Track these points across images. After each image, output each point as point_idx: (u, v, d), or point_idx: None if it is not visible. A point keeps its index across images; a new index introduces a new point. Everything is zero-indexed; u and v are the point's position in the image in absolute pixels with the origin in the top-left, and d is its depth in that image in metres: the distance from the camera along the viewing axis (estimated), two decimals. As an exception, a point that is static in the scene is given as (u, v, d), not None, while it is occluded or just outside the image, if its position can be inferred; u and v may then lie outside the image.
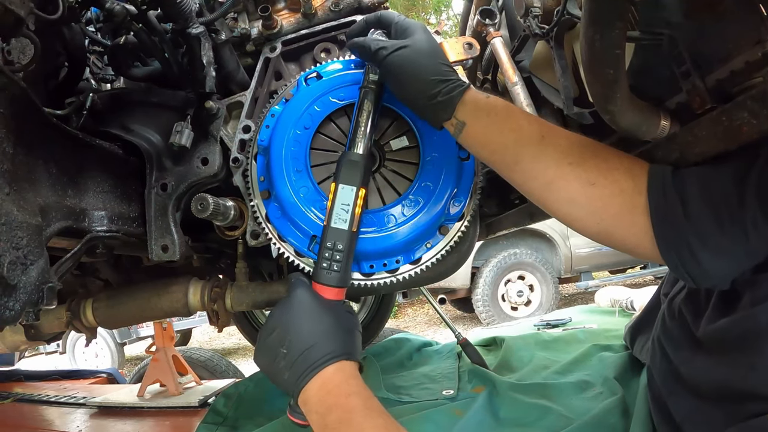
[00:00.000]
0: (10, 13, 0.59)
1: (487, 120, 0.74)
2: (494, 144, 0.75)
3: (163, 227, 0.96)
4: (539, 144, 0.72)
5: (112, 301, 1.13)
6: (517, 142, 0.73)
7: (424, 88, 0.75)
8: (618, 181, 0.68)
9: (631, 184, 0.68)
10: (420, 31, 0.79)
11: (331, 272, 0.76)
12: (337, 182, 0.76)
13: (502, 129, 0.74)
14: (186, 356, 2.48)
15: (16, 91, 0.68)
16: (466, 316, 7.36)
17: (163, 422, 1.79)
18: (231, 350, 7.39)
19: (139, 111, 1.01)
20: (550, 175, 0.71)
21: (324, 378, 0.69)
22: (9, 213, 0.64)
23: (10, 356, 3.04)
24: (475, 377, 1.28)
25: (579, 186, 0.69)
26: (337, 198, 0.76)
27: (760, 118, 0.53)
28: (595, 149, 0.72)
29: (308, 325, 0.72)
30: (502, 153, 0.75)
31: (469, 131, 0.75)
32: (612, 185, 0.68)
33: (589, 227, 0.72)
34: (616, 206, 0.68)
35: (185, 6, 0.87)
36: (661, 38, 0.69)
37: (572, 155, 0.71)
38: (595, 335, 1.54)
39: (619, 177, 0.68)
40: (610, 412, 0.97)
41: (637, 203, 0.67)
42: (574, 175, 0.70)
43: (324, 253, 0.76)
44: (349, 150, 0.79)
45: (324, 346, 0.70)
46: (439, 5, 11.76)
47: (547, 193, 0.73)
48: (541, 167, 0.72)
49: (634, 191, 0.67)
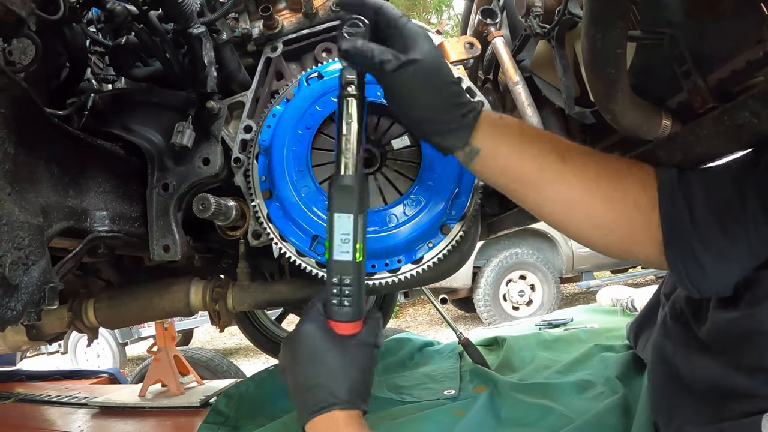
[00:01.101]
0: (12, 13, 0.59)
1: (504, 147, 0.69)
2: (513, 171, 0.70)
3: (165, 227, 0.96)
4: (559, 166, 0.68)
5: (114, 301, 1.13)
6: (538, 169, 0.68)
7: (434, 113, 0.67)
8: (634, 196, 0.67)
9: (645, 198, 0.67)
10: (427, 42, 0.66)
11: (342, 308, 0.69)
12: (332, 211, 0.68)
13: (522, 156, 0.69)
14: (187, 356, 2.48)
15: (18, 92, 0.68)
16: (467, 315, 7.36)
17: (164, 422, 1.79)
18: (232, 350, 7.39)
19: (140, 111, 1.01)
20: (570, 198, 0.69)
21: (327, 420, 0.66)
22: (10, 213, 0.64)
23: (11, 356, 3.05)
24: (476, 377, 1.28)
25: (600, 205, 0.68)
26: (335, 228, 0.67)
27: (761, 118, 0.53)
28: (607, 162, 0.70)
29: (312, 366, 0.67)
30: (521, 180, 0.70)
31: (483, 159, 0.69)
32: (629, 202, 0.67)
33: (611, 245, 0.72)
34: (635, 223, 0.67)
35: (186, 6, 0.87)
36: (662, 38, 0.69)
37: (589, 172, 0.68)
38: (597, 335, 1.54)
39: (634, 191, 0.67)
40: (612, 411, 0.97)
41: (652, 218, 0.66)
42: (593, 194, 0.68)
43: (332, 289, 0.69)
44: (339, 173, 0.68)
45: (326, 389, 0.66)
46: (440, 5, 11.76)
47: (568, 216, 0.70)
48: (561, 189, 0.69)
49: (648, 206, 0.67)
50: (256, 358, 6.27)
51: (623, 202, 0.67)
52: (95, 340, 1.25)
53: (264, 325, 2.18)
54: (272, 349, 2.19)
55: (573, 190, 0.68)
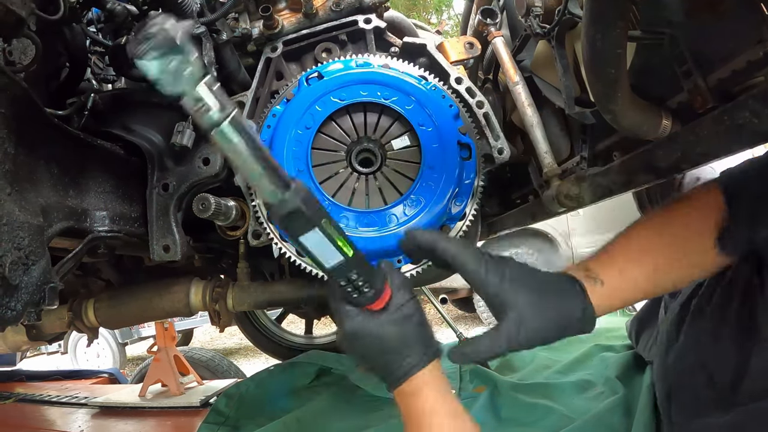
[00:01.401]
0: (12, 13, 0.60)
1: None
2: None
3: (165, 227, 0.96)
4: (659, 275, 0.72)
5: (114, 301, 1.13)
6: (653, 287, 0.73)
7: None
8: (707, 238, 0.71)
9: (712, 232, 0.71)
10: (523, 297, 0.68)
11: (364, 295, 0.68)
12: (296, 239, 0.62)
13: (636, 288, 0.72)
14: (187, 356, 2.48)
15: (18, 92, 0.68)
16: (467, 315, 7.36)
17: (164, 422, 1.79)
18: (232, 350, 7.39)
19: (140, 111, 1.01)
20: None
21: (411, 384, 0.69)
22: (11, 213, 0.64)
23: (11, 356, 3.05)
24: (476, 377, 1.28)
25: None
26: (311, 249, 0.63)
27: (761, 118, 0.53)
28: (675, 228, 0.73)
29: (378, 349, 0.69)
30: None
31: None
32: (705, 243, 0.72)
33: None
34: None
35: (186, 6, 0.87)
36: (662, 38, 0.69)
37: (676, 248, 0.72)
38: (597, 335, 1.54)
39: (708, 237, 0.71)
40: (612, 411, 0.97)
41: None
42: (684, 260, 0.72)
43: (346, 289, 0.68)
44: (273, 202, 0.59)
45: (399, 359, 0.68)
46: (440, 5, 11.76)
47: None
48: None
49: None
50: (256, 358, 6.26)
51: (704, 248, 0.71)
52: (95, 340, 1.25)
53: (264, 325, 2.18)
54: (272, 349, 2.19)
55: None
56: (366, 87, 0.91)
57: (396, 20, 1.14)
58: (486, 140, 0.96)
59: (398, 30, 1.12)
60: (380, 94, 0.91)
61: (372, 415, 1.25)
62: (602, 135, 0.97)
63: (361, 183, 0.91)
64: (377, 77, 0.92)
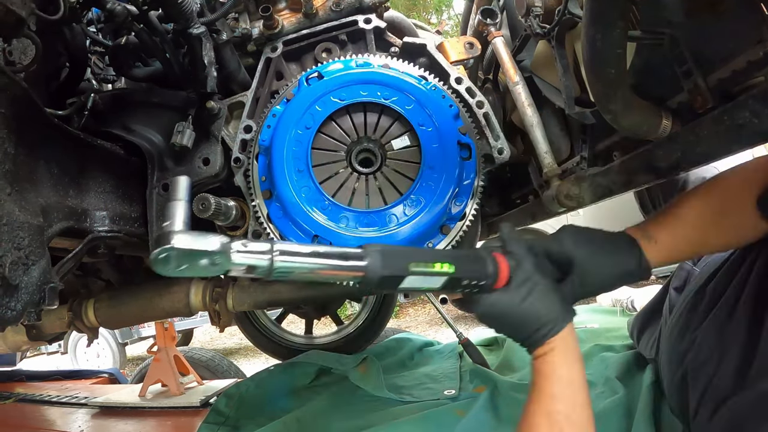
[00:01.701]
0: (12, 13, 0.59)
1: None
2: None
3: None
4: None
5: (114, 301, 1.13)
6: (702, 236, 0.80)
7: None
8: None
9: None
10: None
11: (483, 287, 0.70)
12: (397, 291, 0.63)
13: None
14: (187, 356, 2.48)
15: (18, 92, 0.68)
16: (467, 315, 7.35)
17: (164, 422, 1.79)
18: (232, 350, 7.39)
19: (140, 111, 1.01)
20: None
21: (548, 345, 0.73)
22: (11, 213, 0.64)
23: (11, 356, 3.05)
24: (476, 377, 1.28)
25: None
26: (414, 288, 0.64)
27: (761, 118, 0.53)
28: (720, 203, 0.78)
29: (519, 321, 0.73)
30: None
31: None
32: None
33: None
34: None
35: (186, 6, 0.87)
36: (662, 38, 0.69)
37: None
38: (597, 335, 1.54)
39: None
40: (612, 411, 0.97)
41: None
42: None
43: (465, 290, 0.70)
44: (360, 282, 0.59)
45: (537, 326, 0.72)
46: (440, 5, 11.75)
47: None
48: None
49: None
50: (256, 358, 6.26)
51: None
52: (95, 340, 1.25)
53: (264, 325, 2.18)
54: (272, 350, 2.19)
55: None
56: (366, 87, 0.91)
57: (396, 20, 1.14)
58: (486, 140, 0.96)
59: (398, 30, 1.12)
60: (380, 94, 0.91)
61: (372, 415, 1.25)
62: (602, 135, 0.97)
63: (361, 183, 0.91)
64: (377, 77, 0.92)
